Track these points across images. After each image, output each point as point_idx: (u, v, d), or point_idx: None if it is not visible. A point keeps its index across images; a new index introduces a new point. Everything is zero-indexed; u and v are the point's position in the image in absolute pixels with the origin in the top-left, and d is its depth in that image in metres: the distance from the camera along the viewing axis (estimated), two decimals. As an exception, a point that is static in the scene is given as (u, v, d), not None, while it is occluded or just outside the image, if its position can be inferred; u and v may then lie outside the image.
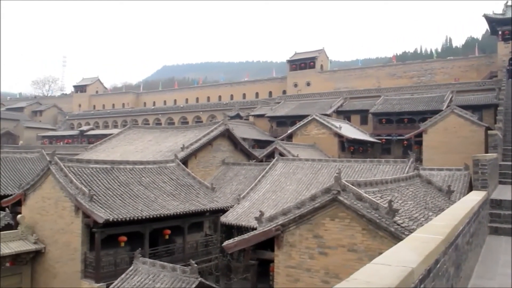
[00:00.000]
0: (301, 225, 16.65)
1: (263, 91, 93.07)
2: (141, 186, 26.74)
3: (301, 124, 53.23)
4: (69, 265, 23.62)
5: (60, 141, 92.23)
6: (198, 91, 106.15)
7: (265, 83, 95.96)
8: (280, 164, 35.00)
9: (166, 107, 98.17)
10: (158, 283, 18.84)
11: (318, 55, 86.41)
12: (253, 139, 57.80)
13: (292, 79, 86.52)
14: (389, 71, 77.09)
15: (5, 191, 32.92)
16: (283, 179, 32.87)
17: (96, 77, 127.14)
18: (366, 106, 61.66)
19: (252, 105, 78.89)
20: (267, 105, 74.79)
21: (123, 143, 45.11)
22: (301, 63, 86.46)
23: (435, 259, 3.80)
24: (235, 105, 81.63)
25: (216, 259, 27.58)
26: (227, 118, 43.43)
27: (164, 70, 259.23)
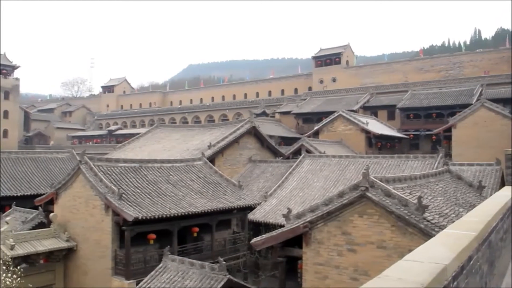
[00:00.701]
0: (329, 222, 16.56)
1: (289, 88, 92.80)
2: (169, 184, 27.01)
3: (327, 120, 52.92)
4: (100, 262, 24.03)
5: (89, 141, 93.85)
6: (224, 89, 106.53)
7: (290, 80, 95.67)
8: (307, 161, 34.87)
9: (193, 105, 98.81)
10: (187, 280, 19.00)
11: (343, 50, 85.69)
12: (279, 136, 57.74)
13: (317, 75, 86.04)
14: (416, 65, 75.88)
15: (37, 190, 33.70)
16: (310, 176, 32.74)
17: (123, 78, 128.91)
18: (393, 101, 60.89)
19: (278, 102, 78.74)
20: (293, 102, 74.55)
21: (150, 142, 45.63)
22: (327, 59, 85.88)
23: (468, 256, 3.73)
24: (260, 102, 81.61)
25: (244, 256, 27.67)
26: (253, 115, 43.50)
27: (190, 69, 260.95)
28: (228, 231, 29.58)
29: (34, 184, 35.16)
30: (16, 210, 30.62)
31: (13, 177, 35.16)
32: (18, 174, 35.77)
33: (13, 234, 24.13)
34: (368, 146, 49.77)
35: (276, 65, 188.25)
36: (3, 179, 34.37)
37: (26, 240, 24.58)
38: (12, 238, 23.70)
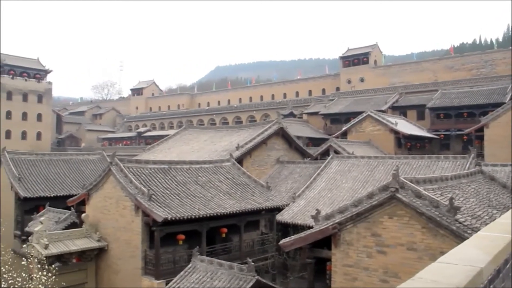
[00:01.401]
0: (359, 223, 16.45)
1: (316, 89, 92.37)
2: (198, 185, 27.22)
3: (355, 121, 52.49)
4: (130, 262, 24.39)
5: (119, 143, 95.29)
6: (251, 91, 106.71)
7: (318, 81, 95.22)
8: (335, 161, 34.66)
9: (220, 107, 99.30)
10: (216, 281, 19.12)
11: (371, 50, 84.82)
12: (307, 137, 57.54)
13: (345, 75, 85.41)
14: (446, 64, 74.48)
15: (70, 191, 34.42)
16: (338, 177, 32.53)
17: (151, 80, 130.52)
18: (422, 101, 59.91)
19: (306, 103, 78.43)
20: (320, 102, 74.19)
21: (179, 143, 46.07)
22: (354, 59, 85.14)
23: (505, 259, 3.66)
24: (288, 103, 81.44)
25: (273, 257, 27.64)
26: (280, 116, 43.49)
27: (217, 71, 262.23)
28: (256, 232, 29.63)
29: (67, 185, 35.92)
30: (49, 211, 31.40)
31: (47, 178, 36.01)
32: (51, 175, 36.61)
33: (47, 234, 24.75)
34: (397, 146, 49.13)
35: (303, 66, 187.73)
36: (37, 180, 35.24)
37: (59, 239, 25.17)
38: (46, 238, 24.30)
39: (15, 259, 27.38)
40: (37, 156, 38.95)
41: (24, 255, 24.96)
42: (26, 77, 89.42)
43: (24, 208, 34.08)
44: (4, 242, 31.29)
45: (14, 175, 34.31)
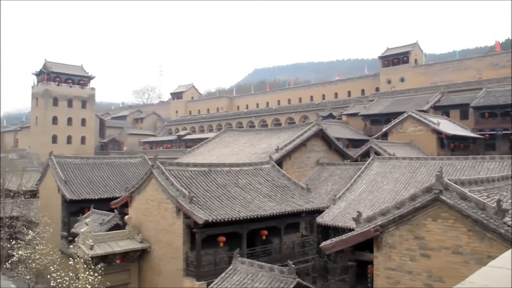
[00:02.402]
0: (401, 226, 16.17)
1: (355, 90, 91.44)
2: (238, 188, 27.38)
3: (396, 121, 51.62)
4: (172, 264, 24.75)
5: (160, 146, 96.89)
6: (290, 92, 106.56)
7: (357, 81, 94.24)
8: (376, 163, 34.19)
9: (259, 109, 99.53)
10: (257, 283, 19.17)
11: (411, 49, 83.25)
12: (347, 138, 56.96)
13: (385, 75, 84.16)
14: (491, 61, 72.26)
15: (113, 193, 35.24)
16: (379, 179, 32.07)
17: (191, 84, 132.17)
18: (466, 100, 58.25)
19: (345, 104, 77.68)
20: (360, 103, 73.32)
21: (218, 146, 46.46)
22: (394, 59, 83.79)
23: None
24: (327, 104, 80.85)
25: (313, 260, 27.47)
26: (320, 118, 43.19)
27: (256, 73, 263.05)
28: (296, 234, 29.54)
29: (110, 188, 36.80)
30: (94, 213, 32.26)
31: (91, 181, 37.00)
32: (95, 178, 37.59)
33: (92, 235, 25.44)
34: (440, 147, 47.98)
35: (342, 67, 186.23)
36: (82, 183, 36.27)
37: (103, 240, 25.83)
38: (91, 239, 24.98)
39: (62, 259, 28.34)
40: (82, 160, 40.10)
41: (71, 255, 25.77)
42: (71, 83, 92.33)
43: (70, 210, 35.16)
44: (52, 242, 32.38)
45: (61, 178, 35.42)
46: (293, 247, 28.32)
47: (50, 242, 32.08)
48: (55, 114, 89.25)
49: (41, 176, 41.67)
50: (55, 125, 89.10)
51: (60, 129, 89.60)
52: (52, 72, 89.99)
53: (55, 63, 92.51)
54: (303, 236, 29.81)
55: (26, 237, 31.78)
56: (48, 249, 29.30)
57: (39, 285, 28.50)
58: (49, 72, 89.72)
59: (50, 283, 23.53)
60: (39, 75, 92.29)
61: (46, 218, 35.17)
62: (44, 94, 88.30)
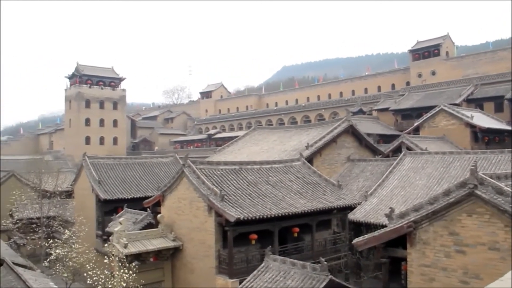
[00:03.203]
0: (435, 222, 15.93)
1: (385, 84, 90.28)
2: (269, 185, 27.41)
3: (428, 115, 50.77)
4: (205, 261, 24.99)
5: (191, 145, 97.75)
6: (319, 89, 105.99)
7: (387, 76, 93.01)
8: (408, 158, 33.71)
9: (288, 107, 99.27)
10: (289, 280, 19.17)
11: (442, 41, 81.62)
12: (378, 134, 56.29)
13: (415, 69, 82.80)
14: (527, 52, 70.14)
15: (145, 193, 35.78)
16: (411, 174, 31.62)
17: (220, 83, 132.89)
18: (500, 92, 56.72)
19: (375, 99, 76.74)
20: (390, 98, 72.33)
21: (249, 144, 46.58)
22: (425, 52, 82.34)
23: None
24: (357, 100, 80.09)
25: (345, 256, 27.31)
26: (350, 114, 42.77)
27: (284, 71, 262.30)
28: (328, 231, 29.41)
29: (142, 187, 37.37)
30: (127, 212, 32.84)
31: (124, 181, 37.65)
32: (128, 178, 38.24)
33: (126, 234, 25.91)
34: (474, 141, 46.94)
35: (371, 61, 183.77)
36: (115, 183, 36.94)
37: (137, 239, 26.27)
38: (125, 238, 25.44)
39: (98, 258, 28.96)
40: (115, 160, 40.84)
41: (106, 254, 26.30)
42: (102, 85, 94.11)
43: (104, 209, 35.87)
44: (88, 241, 33.15)
45: (95, 179, 36.16)
46: (325, 244, 28.22)
47: (86, 241, 32.85)
48: (88, 116, 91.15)
49: (76, 177, 42.65)
50: (88, 127, 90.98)
51: (93, 130, 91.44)
52: (84, 75, 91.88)
53: (87, 66, 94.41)
54: (335, 233, 29.66)
55: (63, 236, 32.65)
56: (84, 248, 30.02)
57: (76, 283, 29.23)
58: (81, 75, 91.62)
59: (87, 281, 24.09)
60: (71, 78, 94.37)
61: (82, 218, 36.06)
62: (77, 97, 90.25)
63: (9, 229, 41.23)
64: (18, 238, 40.17)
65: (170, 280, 27.55)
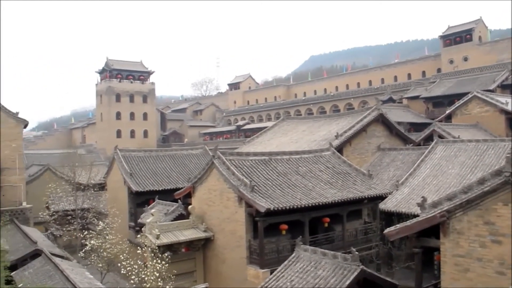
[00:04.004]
0: (469, 211, 15.62)
1: (416, 72, 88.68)
2: (299, 176, 27.36)
3: (460, 103, 49.74)
4: (236, 252, 25.17)
5: (220, 137, 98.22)
6: (348, 78, 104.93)
7: (417, 63, 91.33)
8: (440, 147, 33.11)
9: (317, 96, 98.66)
10: (320, 270, 19.13)
11: (474, 26, 79.49)
12: (408, 122, 55.54)
13: (446, 55, 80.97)
14: None
15: (176, 184, 36.16)
16: (444, 163, 31.06)
17: (247, 74, 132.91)
18: (538, 77, 55.08)
19: (405, 87, 75.55)
20: (421, 85, 71.06)
21: (278, 135, 46.51)
22: (456, 37, 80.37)
23: None
24: (386, 88, 79.01)
25: (377, 246, 27.14)
26: (379, 102, 42.29)
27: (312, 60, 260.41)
28: (359, 221, 29.22)
29: (173, 179, 37.77)
30: (159, 203, 33.28)
31: (155, 173, 38.13)
32: (158, 170, 38.70)
33: (158, 225, 26.30)
34: (510, 128, 45.73)
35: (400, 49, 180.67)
36: (147, 175, 37.45)
37: (169, 230, 26.64)
38: (157, 229, 25.83)
39: (131, 248, 29.54)
40: (145, 153, 41.38)
41: (139, 245, 26.80)
42: (132, 79, 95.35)
43: (136, 201, 36.44)
44: (121, 232, 33.81)
45: (126, 171, 36.74)
46: (356, 234, 28.06)
47: (119, 232, 33.51)
48: (119, 110, 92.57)
49: (108, 170, 43.42)
50: (118, 120, 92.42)
51: (124, 124, 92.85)
52: (113, 69, 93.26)
53: (116, 61, 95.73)
54: (365, 223, 29.46)
55: (97, 227, 33.37)
56: (117, 239, 30.66)
57: (111, 273, 29.89)
58: (111, 70, 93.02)
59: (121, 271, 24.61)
60: (102, 73, 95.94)
61: (114, 210, 36.76)
62: (107, 91, 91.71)
63: (46, 221, 42.37)
64: (55, 229, 41.32)
65: (202, 270, 27.88)
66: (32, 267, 23.78)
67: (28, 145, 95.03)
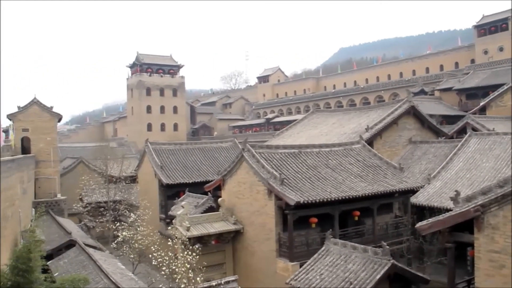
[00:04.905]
0: (505, 206, 15.25)
1: (448, 63, 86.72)
2: (328, 169, 27.19)
3: (495, 94, 48.56)
4: (265, 244, 25.24)
5: (249, 130, 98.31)
6: (378, 70, 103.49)
7: (449, 54, 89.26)
8: (474, 139, 32.39)
9: (347, 89, 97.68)
10: (350, 264, 19.05)
11: (510, 15, 77.05)
12: (441, 115, 54.44)
13: (481, 46, 78.86)
14: None
15: (206, 177, 36.47)
16: (478, 156, 30.39)
17: (276, 67, 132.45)
18: None
19: (437, 79, 74.02)
20: (453, 77, 69.52)
21: (307, 127, 46.31)
22: (491, 27, 78.14)
23: None
24: (418, 80, 77.55)
25: (408, 241, 26.80)
26: (411, 95, 41.49)
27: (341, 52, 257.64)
28: (389, 215, 28.89)
29: (203, 172, 38.08)
30: (189, 196, 33.64)
31: (185, 166, 38.52)
32: (188, 163, 39.08)
33: (188, 217, 26.59)
34: (547, 120, 44.40)
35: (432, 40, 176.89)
36: (177, 168, 37.87)
37: (199, 222, 26.92)
38: (188, 221, 26.11)
39: (162, 240, 29.92)
40: (176, 146, 41.83)
41: (169, 236, 27.12)
42: (162, 73, 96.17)
43: (167, 193, 36.91)
44: (152, 224, 34.31)
45: (157, 164, 37.20)
46: (386, 228, 27.79)
47: (150, 224, 34.00)
48: (149, 104, 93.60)
49: (139, 163, 44.08)
50: (149, 114, 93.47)
51: (154, 117, 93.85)
52: (144, 63, 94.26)
53: (146, 55, 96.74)
54: (396, 216, 29.12)
55: (129, 219, 33.96)
56: (148, 231, 31.11)
57: (142, 264, 30.36)
58: (141, 64, 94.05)
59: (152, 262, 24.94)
60: (132, 67, 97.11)
61: (145, 202, 37.33)
62: (138, 85, 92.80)
63: (80, 212, 43.37)
64: (88, 221, 42.28)
65: (232, 262, 28.07)
66: (66, 257, 24.43)
67: (62, 138, 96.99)
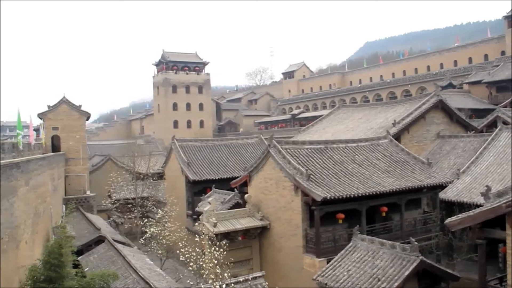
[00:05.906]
0: (538, 201, 14.89)
1: (477, 55, 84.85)
2: (355, 164, 27.01)
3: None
4: (292, 240, 25.24)
5: (275, 126, 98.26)
6: (404, 64, 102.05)
7: (479, 46, 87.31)
8: (505, 133, 31.69)
9: (373, 83, 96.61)
10: (378, 260, 18.92)
11: (543, 5, 75.12)
12: (470, 108, 53.40)
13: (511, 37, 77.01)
14: None
15: (232, 173, 36.62)
16: (509, 150, 29.71)
17: (301, 62, 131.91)
18: None
19: (466, 71, 72.56)
20: (483, 70, 68.05)
21: (333, 123, 46.05)
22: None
23: None
24: (446, 74, 76.16)
25: (436, 237, 26.42)
26: (438, 88, 40.85)
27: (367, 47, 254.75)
28: (418, 211, 28.55)
29: (229, 168, 38.26)
30: (215, 192, 33.86)
31: (211, 162, 38.75)
32: (215, 159, 39.31)
33: (215, 213, 26.77)
34: None
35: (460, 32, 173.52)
36: (203, 164, 38.13)
37: (225, 218, 27.08)
38: (215, 217, 26.29)
39: (189, 236, 30.21)
40: (202, 142, 42.11)
41: (196, 232, 27.36)
42: (187, 70, 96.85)
43: (194, 190, 37.23)
44: (179, 220, 34.66)
45: (184, 161, 37.52)
46: (414, 224, 27.46)
47: (177, 220, 34.36)
48: (175, 101, 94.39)
49: (166, 159, 44.53)
50: (175, 111, 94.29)
51: (180, 114, 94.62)
52: (169, 61, 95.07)
53: (172, 53, 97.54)
54: (425, 212, 28.77)
55: (156, 215, 34.37)
56: (175, 227, 31.45)
57: (170, 259, 30.73)
58: (167, 62, 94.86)
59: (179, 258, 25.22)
60: (158, 65, 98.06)
61: (173, 198, 37.72)
62: (164, 83, 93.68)
63: (108, 209, 44.13)
64: (117, 217, 43.00)
65: (258, 258, 28.16)
66: (96, 253, 24.91)
67: (90, 136, 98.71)
